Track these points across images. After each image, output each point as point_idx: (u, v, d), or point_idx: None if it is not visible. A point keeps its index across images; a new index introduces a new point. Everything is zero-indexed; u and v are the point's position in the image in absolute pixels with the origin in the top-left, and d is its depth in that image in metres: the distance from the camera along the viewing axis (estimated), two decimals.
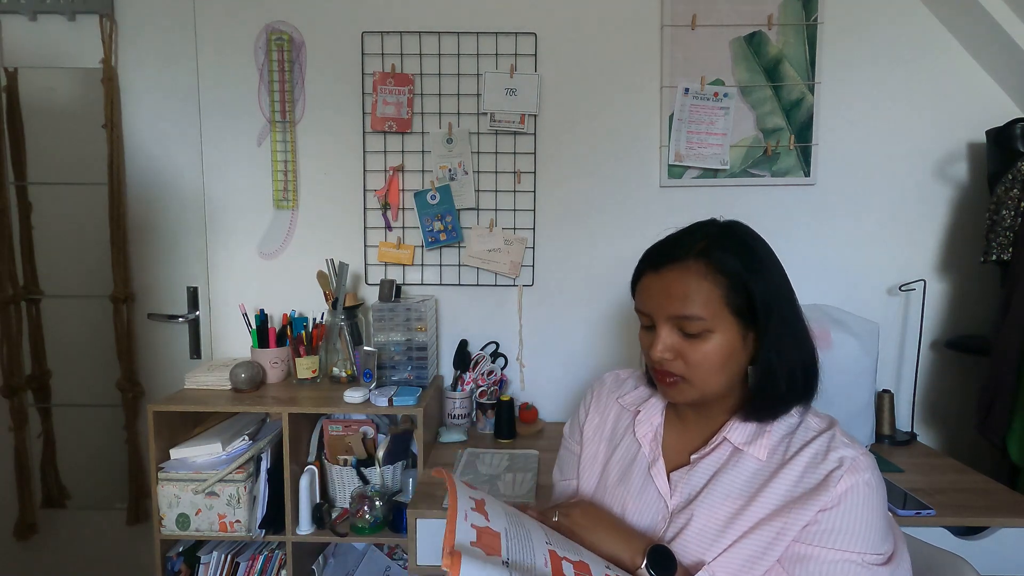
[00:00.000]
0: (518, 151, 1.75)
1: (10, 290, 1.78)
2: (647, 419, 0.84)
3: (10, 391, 1.78)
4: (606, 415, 0.90)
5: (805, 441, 0.72)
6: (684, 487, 0.76)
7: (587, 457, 0.89)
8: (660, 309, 0.73)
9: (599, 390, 0.94)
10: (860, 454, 0.69)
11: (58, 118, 1.81)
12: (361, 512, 1.45)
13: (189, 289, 1.79)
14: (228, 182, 1.78)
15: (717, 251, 0.72)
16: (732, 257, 0.71)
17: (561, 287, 1.79)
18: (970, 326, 1.73)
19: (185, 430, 1.55)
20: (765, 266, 0.73)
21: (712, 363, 0.71)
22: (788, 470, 0.70)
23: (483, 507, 0.66)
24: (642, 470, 0.80)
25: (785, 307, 0.74)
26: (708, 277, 0.71)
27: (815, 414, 0.76)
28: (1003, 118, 1.58)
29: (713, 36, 1.69)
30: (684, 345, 0.72)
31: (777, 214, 1.74)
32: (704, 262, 0.71)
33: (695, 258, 0.72)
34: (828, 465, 0.68)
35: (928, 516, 1.17)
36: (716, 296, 0.70)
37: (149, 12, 1.72)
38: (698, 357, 0.71)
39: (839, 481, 0.66)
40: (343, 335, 1.67)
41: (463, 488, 0.67)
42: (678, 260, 0.73)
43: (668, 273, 0.73)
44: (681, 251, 0.73)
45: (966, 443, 1.75)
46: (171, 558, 1.51)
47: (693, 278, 0.71)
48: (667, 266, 0.73)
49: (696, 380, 0.72)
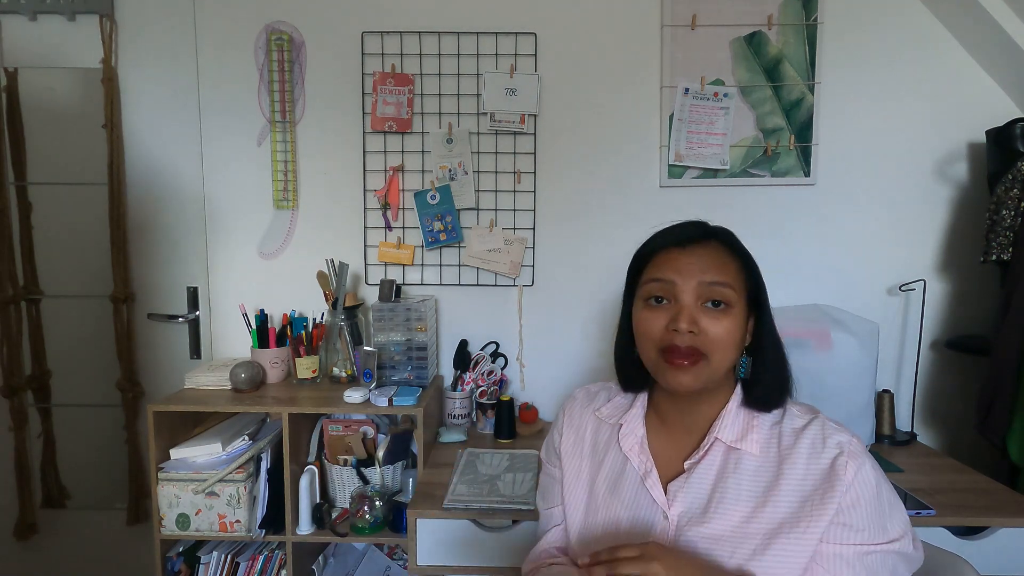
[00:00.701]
0: (518, 151, 1.75)
1: (10, 290, 1.78)
2: (631, 431, 0.82)
3: (10, 391, 1.78)
4: (583, 431, 0.88)
5: (796, 429, 0.74)
6: (684, 496, 0.74)
7: (570, 477, 0.86)
8: (690, 276, 0.73)
9: (570, 407, 0.91)
10: (852, 436, 0.72)
11: (58, 118, 1.81)
12: (361, 512, 1.45)
13: (189, 289, 1.79)
14: (228, 182, 1.78)
15: (731, 238, 0.79)
16: (743, 246, 0.79)
17: (561, 287, 1.79)
18: (970, 326, 1.73)
19: (185, 430, 1.55)
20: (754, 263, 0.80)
21: (732, 339, 0.73)
22: (791, 465, 0.71)
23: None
24: (633, 483, 0.78)
25: (767, 300, 0.79)
26: (733, 257, 0.76)
27: (795, 403, 0.79)
28: (1003, 118, 1.58)
29: (713, 36, 1.69)
30: (706, 319, 0.72)
31: (777, 214, 1.74)
32: (727, 245, 0.78)
33: (719, 240, 0.78)
34: (829, 452, 0.70)
35: (928, 516, 1.17)
36: (739, 276, 0.75)
37: (149, 12, 1.72)
38: (719, 331, 0.72)
39: (846, 469, 0.68)
40: (343, 335, 1.67)
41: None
42: (707, 238, 0.77)
43: (698, 248, 0.76)
44: (704, 233, 0.78)
45: (966, 443, 1.75)
46: (171, 558, 1.51)
47: (724, 253, 0.76)
48: (695, 243, 0.76)
49: (715, 357, 0.72)
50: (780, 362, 0.78)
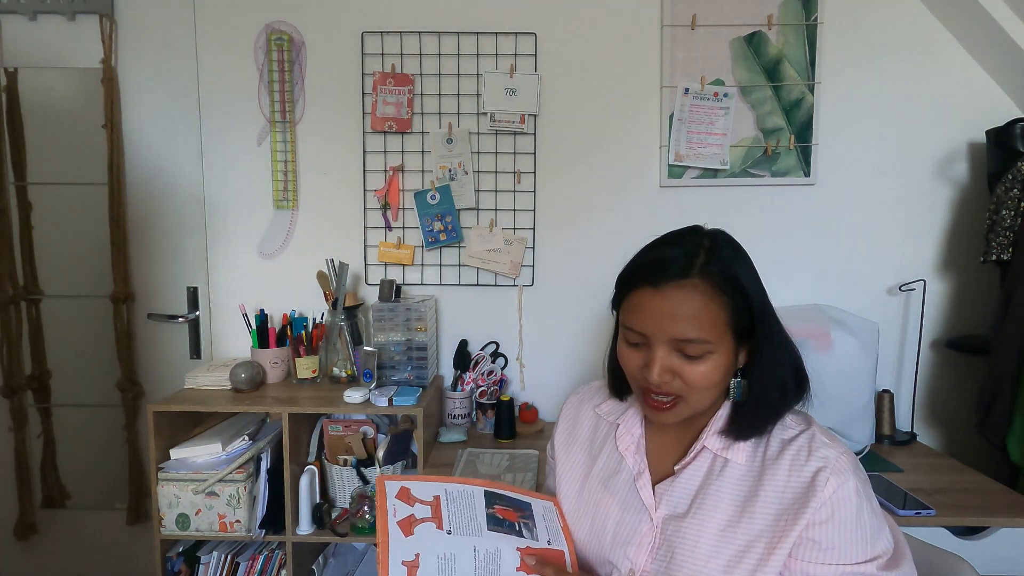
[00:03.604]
0: (518, 151, 1.75)
1: (10, 290, 1.78)
2: (627, 431, 0.82)
3: (10, 391, 1.78)
4: (580, 425, 0.89)
5: (784, 440, 0.71)
6: (669, 499, 0.74)
7: (563, 468, 0.87)
8: (661, 331, 0.68)
9: (571, 401, 0.93)
10: (841, 453, 0.68)
11: (58, 118, 1.81)
12: (361, 512, 1.45)
13: (189, 289, 1.79)
14: (228, 182, 1.78)
15: (720, 267, 0.68)
16: (734, 274, 0.68)
17: (561, 287, 1.79)
18: (970, 326, 1.73)
19: (185, 430, 1.55)
20: (754, 275, 0.71)
21: (710, 382, 0.69)
22: (772, 475, 0.69)
23: (408, 494, 0.73)
24: (627, 482, 0.79)
25: (771, 314, 0.72)
26: (715, 299, 0.67)
27: (793, 412, 0.75)
28: (1003, 118, 1.58)
29: (713, 36, 1.69)
30: (682, 366, 0.69)
31: (777, 214, 1.74)
32: (711, 281, 0.67)
33: (700, 276, 0.67)
34: (811, 466, 0.67)
35: (928, 516, 1.17)
36: (722, 318, 0.68)
37: (149, 12, 1.72)
38: (696, 377, 0.68)
39: (825, 485, 0.65)
40: (343, 335, 1.67)
41: (390, 487, 0.73)
42: (684, 277, 0.67)
43: (672, 292, 0.67)
44: (684, 268, 0.68)
45: (966, 443, 1.75)
46: (171, 558, 1.51)
47: (700, 299, 0.67)
48: (670, 283, 0.68)
49: (692, 399, 0.70)
50: (782, 380, 0.71)
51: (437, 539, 0.68)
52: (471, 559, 0.67)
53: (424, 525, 0.69)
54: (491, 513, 0.74)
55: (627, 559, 0.74)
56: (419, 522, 0.69)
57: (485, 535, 0.70)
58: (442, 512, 0.72)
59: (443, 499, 0.73)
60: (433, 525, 0.69)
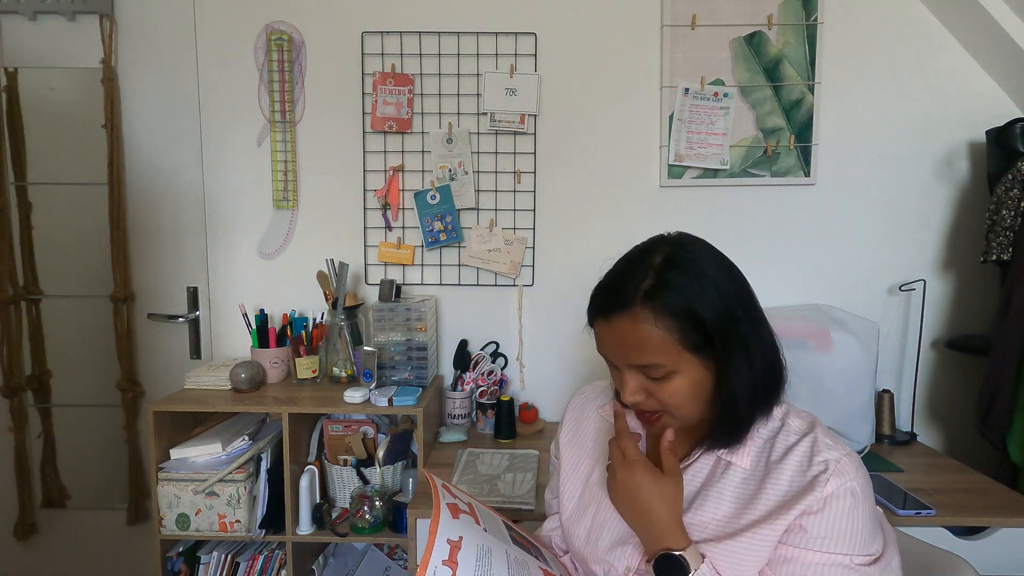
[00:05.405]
0: (518, 151, 1.75)
1: (10, 290, 1.78)
2: None
3: (10, 391, 1.78)
4: (584, 425, 0.89)
5: (788, 446, 0.71)
6: None
7: (566, 468, 0.87)
8: (619, 358, 0.71)
9: (577, 400, 0.93)
10: (844, 456, 0.68)
11: (58, 118, 1.81)
12: (361, 512, 1.45)
13: (189, 289, 1.79)
14: (228, 182, 1.78)
15: (663, 291, 0.67)
16: (680, 295, 0.67)
17: (561, 287, 1.79)
18: (970, 326, 1.73)
19: (185, 430, 1.55)
20: (717, 287, 0.68)
21: (685, 396, 0.69)
22: (775, 480, 0.69)
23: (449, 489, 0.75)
24: None
25: (743, 322, 0.69)
26: (659, 324, 0.67)
27: (796, 414, 0.75)
28: (1003, 118, 1.58)
29: (713, 36, 1.69)
30: (652, 386, 0.70)
31: (777, 214, 1.74)
32: (651, 307, 0.67)
33: (642, 304, 0.67)
34: (813, 470, 0.67)
35: (928, 516, 1.17)
36: (671, 341, 0.67)
37: (149, 12, 1.72)
38: (667, 396, 0.69)
39: (826, 484, 0.66)
40: (343, 335, 1.67)
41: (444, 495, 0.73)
42: (626, 308, 0.68)
43: (619, 322, 0.69)
44: (627, 297, 0.68)
45: (966, 443, 1.75)
46: (171, 558, 1.51)
47: (643, 326, 0.67)
48: (616, 314, 0.69)
49: (674, 412, 0.71)
50: (751, 392, 0.69)
51: (477, 532, 0.70)
52: (504, 560, 0.69)
53: (466, 516, 0.72)
54: (512, 535, 0.77)
55: (623, 558, 0.75)
56: (462, 512, 0.72)
57: (512, 547, 0.74)
58: (477, 514, 0.74)
59: (475, 506, 0.76)
60: (472, 520, 0.72)
